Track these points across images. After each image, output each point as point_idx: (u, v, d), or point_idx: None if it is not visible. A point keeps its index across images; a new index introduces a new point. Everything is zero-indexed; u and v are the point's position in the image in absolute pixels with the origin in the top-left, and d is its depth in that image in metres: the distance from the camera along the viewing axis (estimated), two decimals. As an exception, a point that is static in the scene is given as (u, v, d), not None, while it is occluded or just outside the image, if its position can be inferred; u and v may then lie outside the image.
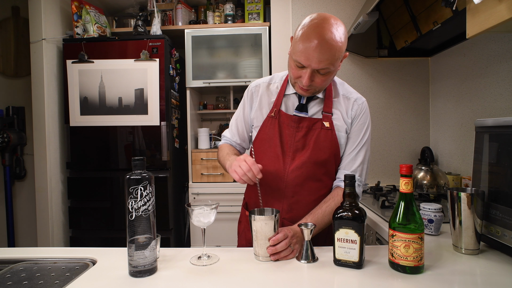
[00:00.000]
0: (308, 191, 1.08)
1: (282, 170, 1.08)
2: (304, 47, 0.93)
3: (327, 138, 1.06)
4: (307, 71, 0.96)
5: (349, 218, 0.82)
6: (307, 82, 0.97)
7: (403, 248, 0.78)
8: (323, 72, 0.96)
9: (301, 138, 1.07)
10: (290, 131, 1.08)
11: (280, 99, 1.12)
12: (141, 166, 0.81)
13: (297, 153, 1.07)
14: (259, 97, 1.16)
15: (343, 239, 0.83)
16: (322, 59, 0.92)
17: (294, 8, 2.30)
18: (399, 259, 0.79)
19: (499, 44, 1.55)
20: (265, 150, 1.11)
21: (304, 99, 1.09)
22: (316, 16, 0.95)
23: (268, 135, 1.10)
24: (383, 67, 2.29)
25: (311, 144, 1.06)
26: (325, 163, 1.08)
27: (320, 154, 1.06)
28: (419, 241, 0.78)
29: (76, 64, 2.24)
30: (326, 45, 0.91)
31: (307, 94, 1.05)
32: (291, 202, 1.07)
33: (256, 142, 1.15)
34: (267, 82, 1.18)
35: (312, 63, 0.94)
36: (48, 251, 1.02)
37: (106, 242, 2.24)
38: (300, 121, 1.08)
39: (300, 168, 1.06)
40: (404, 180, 0.81)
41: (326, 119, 1.07)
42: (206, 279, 0.79)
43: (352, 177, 0.85)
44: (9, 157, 2.59)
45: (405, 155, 2.30)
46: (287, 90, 1.13)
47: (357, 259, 0.82)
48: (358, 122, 1.09)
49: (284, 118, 1.10)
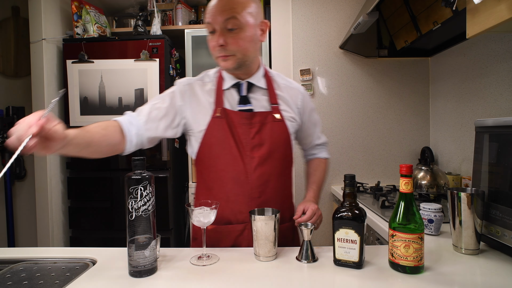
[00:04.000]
0: (274, 188, 1.04)
1: (244, 172, 1.00)
2: (209, 10, 0.95)
3: (281, 130, 1.04)
4: (217, 31, 0.95)
5: (349, 218, 0.82)
6: (220, 41, 0.94)
7: (403, 248, 0.78)
8: (231, 26, 0.94)
9: (256, 134, 1.01)
10: (243, 129, 1.01)
11: (220, 96, 1.03)
12: (141, 166, 0.81)
13: (254, 151, 1.01)
14: (195, 97, 1.05)
15: (343, 239, 0.83)
16: (223, 8, 0.93)
17: (294, 8, 2.30)
18: (399, 259, 0.79)
19: (499, 44, 1.55)
20: (219, 154, 1.01)
21: (245, 89, 1.05)
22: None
23: (218, 138, 1.01)
24: (383, 67, 2.29)
25: (268, 139, 1.02)
26: (283, 156, 1.06)
27: (277, 148, 1.04)
28: (419, 241, 0.78)
29: (76, 64, 2.24)
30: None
31: (228, 64, 0.98)
32: (259, 204, 1.01)
33: (203, 148, 1.03)
34: (201, 80, 1.09)
35: (217, 17, 0.94)
36: (48, 251, 1.02)
37: (106, 242, 2.24)
38: (252, 117, 1.02)
39: (262, 166, 1.01)
40: (404, 180, 0.81)
41: (275, 111, 1.05)
42: (206, 279, 0.79)
43: (352, 177, 0.85)
44: (9, 157, 2.58)
45: (405, 155, 2.30)
46: (224, 85, 1.05)
47: (357, 259, 0.82)
48: (308, 108, 1.15)
49: (233, 116, 1.01)
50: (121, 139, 0.95)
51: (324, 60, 2.30)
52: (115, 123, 0.96)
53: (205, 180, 1.06)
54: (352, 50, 2.26)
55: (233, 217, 1.01)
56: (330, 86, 2.30)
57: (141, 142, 1.01)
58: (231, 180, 1.01)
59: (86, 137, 0.84)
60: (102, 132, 0.90)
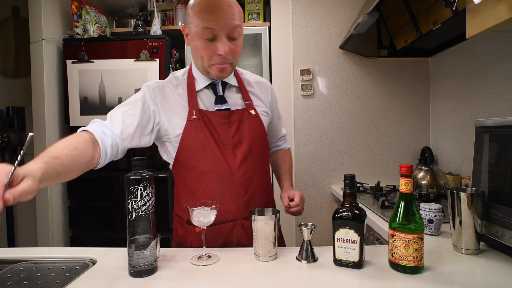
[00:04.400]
0: (258, 183, 1.05)
1: (228, 170, 1.00)
2: (209, 11, 0.90)
3: (257, 126, 1.06)
4: (221, 39, 0.92)
5: (349, 218, 0.82)
6: (227, 49, 0.93)
7: (403, 248, 0.78)
8: (236, 35, 0.94)
9: (235, 132, 1.02)
10: (223, 129, 1.00)
11: (194, 98, 1.01)
12: (141, 166, 0.81)
13: (236, 149, 1.01)
14: (167, 101, 1.01)
15: (343, 239, 0.83)
16: (230, 15, 0.91)
17: (294, 8, 2.30)
18: (399, 259, 0.79)
19: (499, 44, 1.55)
20: (200, 156, 0.99)
21: (220, 89, 1.05)
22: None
23: (197, 140, 0.98)
24: (383, 67, 2.29)
25: (247, 135, 1.02)
26: (262, 150, 1.08)
27: (256, 143, 1.05)
28: (419, 241, 0.78)
29: (76, 64, 2.24)
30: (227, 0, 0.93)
31: (225, 73, 0.99)
32: (246, 200, 1.01)
33: (182, 152, 1.00)
34: (170, 83, 1.05)
35: (222, 24, 0.91)
36: (48, 251, 1.02)
37: (106, 242, 2.24)
38: (230, 116, 1.02)
39: (244, 163, 1.01)
40: (404, 180, 0.81)
41: (250, 107, 1.06)
42: (206, 279, 0.79)
43: (352, 177, 0.85)
44: (9, 157, 2.58)
45: (405, 155, 2.30)
46: (197, 86, 1.03)
47: (357, 259, 0.82)
48: (275, 102, 1.20)
49: (211, 116, 1.00)
50: (93, 154, 0.86)
51: (324, 60, 2.30)
52: (86, 136, 0.86)
53: (187, 184, 1.03)
54: (352, 50, 2.26)
55: (221, 217, 0.99)
56: (330, 86, 2.30)
57: (116, 153, 0.94)
58: (216, 181, 0.99)
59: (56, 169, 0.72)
60: (72, 153, 0.78)
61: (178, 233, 1.08)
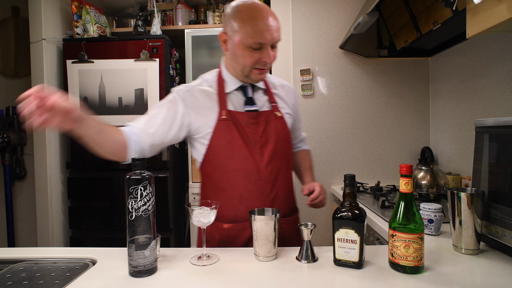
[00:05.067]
0: (283, 182, 1.09)
1: (256, 169, 1.04)
2: (259, 26, 0.97)
3: (282, 127, 1.12)
4: (266, 48, 1.00)
5: (349, 218, 0.82)
6: (272, 57, 1.02)
7: (403, 248, 0.78)
8: (276, 44, 1.03)
9: (263, 132, 1.07)
10: (251, 129, 1.06)
11: (224, 99, 1.07)
12: (141, 166, 0.81)
13: (263, 148, 1.06)
14: (197, 102, 1.07)
15: (343, 239, 0.83)
16: (277, 28, 1.00)
17: (294, 8, 2.30)
18: (399, 259, 0.79)
19: (499, 44, 1.55)
20: (229, 155, 1.04)
21: (250, 91, 1.11)
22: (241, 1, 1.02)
23: (226, 139, 1.03)
24: (383, 67, 2.29)
25: (273, 136, 1.08)
26: (287, 150, 1.13)
27: (281, 143, 1.10)
28: (419, 241, 0.78)
29: (76, 64, 2.24)
30: (273, 15, 1.00)
31: (264, 76, 1.08)
32: (271, 198, 1.05)
33: (211, 151, 1.05)
34: (199, 86, 1.10)
35: (272, 36, 0.99)
36: (48, 251, 1.02)
37: (106, 242, 2.24)
38: (258, 116, 1.08)
39: (271, 162, 1.06)
40: (404, 180, 0.81)
41: (275, 109, 1.12)
42: (206, 279, 0.79)
43: (352, 177, 0.85)
44: (9, 157, 2.59)
45: (405, 155, 2.30)
46: (227, 88, 1.09)
47: (357, 259, 0.82)
48: (296, 104, 1.25)
49: (240, 117, 1.06)
50: (125, 142, 0.99)
51: (324, 60, 2.30)
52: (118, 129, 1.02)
53: (215, 181, 1.08)
54: (352, 50, 2.26)
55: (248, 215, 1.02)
56: (330, 86, 2.30)
57: (140, 149, 1.02)
58: (243, 179, 1.04)
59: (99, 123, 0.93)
60: (112, 128, 0.98)
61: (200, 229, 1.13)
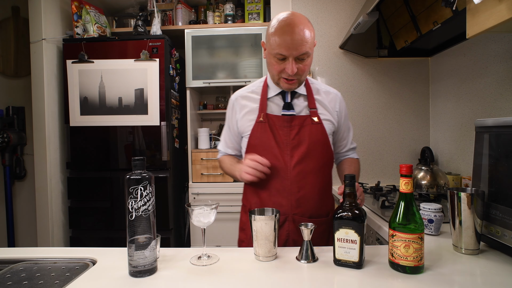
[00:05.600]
0: (312, 184, 1.13)
1: (284, 168, 1.12)
2: (282, 39, 1.02)
3: (318, 132, 1.15)
4: (289, 60, 1.04)
5: (349, 218, 0.82)
6: (294, 70, 1.05)
7: (403, 248, 0.78)
8: (302, 57, 1.05)
9: (296, 135, 1.13)
10: (284, 131, 1.13)
11: (264, 103, 1.17)
12: (141, 166, 0.81)
13: (294, 150, 1.12)
14: (243, 107, 1.21)
15: (343, 239, 0.83)
16: (299, 43, 1.02)
17: (294, 8, 2.30)
18: (399, 259, 0.79)
19: (499, 44, 1.55)
20: (261, 154, 1.12)
21: (289, 97, 1.16)
22: (283, 14, 1.08)
23: (260, 139, 1.14)
24: (383, 67, 2.29)
25: (306, 139, 1.13)
26: (321, 155, 1.15)
27: (315, 147, 1.13)
28: (419, 241, 0.78)
29: (76, 64, 2.24)
30: (302, 29, 1.02)
31: (292, 86, 1.12)
32: (298, 198, 1.11)
33: (249, 149, 1.17)
34: (246, 91, 1.24)
35: (292, 52, 1.03)
36: (48, 251, 1.02)
37: (106, 242, 2.24)
38: (292, 120, 1.14)
39: (300, 164, 1.12)
40: (404, 180, 0.81)
41: (313, 115, 1.16)
42: (206, 279, 0.79)
43: (352, 177, 0.85)
44: (9, 157, 2.59)
45: (405, 155, 2.30)
46: (269, 94, 1.18)
47: (357, 259, 0.82)
48: (344, 113, 1.26)
49: (274, 120, 1.15)
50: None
51: (324, 60, 2.30)
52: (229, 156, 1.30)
53: None
54: (352, 50, 2.26)
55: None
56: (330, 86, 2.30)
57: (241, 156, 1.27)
58: (272, 176, 1.12)
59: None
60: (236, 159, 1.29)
61: (242, 219, 1.25)
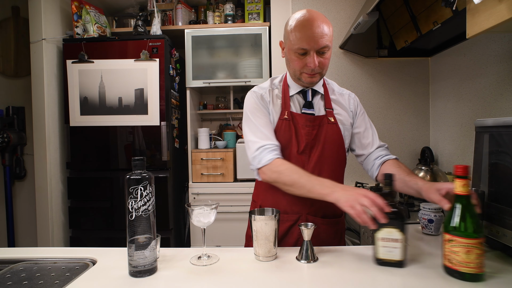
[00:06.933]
0: None
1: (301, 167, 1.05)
2: (303, 33, 1.03)
3: (334, 132, 1.15)
4: (311, 54, 1.04)
5: (392, 217, 0.82)
6: (316, 63, 1.05)
7: (464, 254, 0.74)
8: (323, 50, 1.05)
9: (315, 135, 1.13)
10: (306, 130, 1.13)
11: (288, 101, 1.16)
12: (141, 166, 0.81)
13: (312, 149, 1.13)
14: (270, 102, 1.17)
15: (386, 238, 0.83)
16: (320, 36, 1.03)
17: (294, 8, 2.30)
18: (459, 266, 0.75)
19: (499, 44, 1.55)
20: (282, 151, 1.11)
21: (310, 95, 1.16)
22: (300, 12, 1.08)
23: (284, 137, 1.13)
24: (383, 67, 2.29)
25: (322, 139, 1.13)
26: (336, 155, 1.15)
27: (329, 147, 1.13)
28: (481, 246, 0.74)
29: (76, 64, 2.24)
30: (321, 23, 1.03)
31: (315, 79, 1.11)
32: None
33: None
34: (269, 87, 1.21)
35: (313, 45, 1.03)
36: (48, 251, 1.02)
37: (106, 242, 2.24)
38: (314, 120, 1.14)
39: (317, 163, 1.12)
40: (462, 181, 0.76)
41: (329, 115, 1.16)
42: (206, 279, 0.79)
43: (391, 176, 0.87)
44: (9, 157, 2.59)
45: (405, 155, 2.30)
46: (290, 92, 1.17)
47: (400, 258, 0.82)
48: (360, 112, 1.24)
49: (298, 118, 1.14)
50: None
51: (324, 60, 2.30)
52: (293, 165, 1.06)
53: None
54: (352, 50, 2.26)
55: (289, 208, 1.12)
56: (331, 86, 2.30)
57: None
58: None
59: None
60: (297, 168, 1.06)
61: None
